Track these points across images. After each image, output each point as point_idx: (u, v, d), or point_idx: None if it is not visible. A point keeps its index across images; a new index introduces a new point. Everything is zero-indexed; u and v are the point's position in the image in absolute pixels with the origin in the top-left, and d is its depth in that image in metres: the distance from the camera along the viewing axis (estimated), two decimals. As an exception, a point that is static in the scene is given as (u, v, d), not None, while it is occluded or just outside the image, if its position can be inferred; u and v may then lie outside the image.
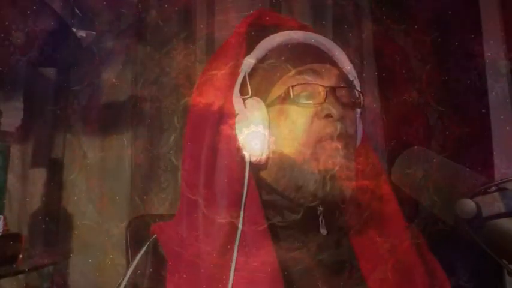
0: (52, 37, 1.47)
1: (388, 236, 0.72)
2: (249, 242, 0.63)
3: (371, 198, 0.72)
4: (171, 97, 1.54)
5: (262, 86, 0.70)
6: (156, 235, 0.72)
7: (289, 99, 0.67)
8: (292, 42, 0.72)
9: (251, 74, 0.70)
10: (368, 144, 0.78)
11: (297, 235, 0.69)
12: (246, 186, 0.64)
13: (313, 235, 0.69)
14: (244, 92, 0.69)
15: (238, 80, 0.69)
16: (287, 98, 0.67)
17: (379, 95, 1.53)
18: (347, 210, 0.72)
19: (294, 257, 0.67)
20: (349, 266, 0.70)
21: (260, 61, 0.70)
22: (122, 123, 1.59)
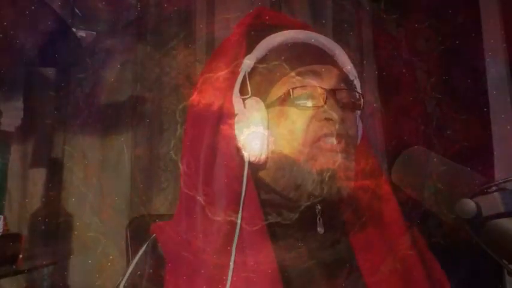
0: (52, 37, 1.47)
1: (387, 235, 0.72)
2: (248, 242, 0.63)
3: (370, 197, 0.72)
4: (171, 97, 1.54)
5: (262, 86, 0.69)
6: (155, 235, 0.72)
7: (289, 101, 0.67)
8: (292, 42, 0.72)
9: (251, 74, 0.69)
10: (368, 144, 0.78)
11: (295, 234, 0.69)
12: (244, 185, 0.65)
13: (311, 234, 0.69)
14: (243, 92, 0.69)
15: (238, 80, 0.69)
16: (287, 99, 0.67)
17: (379, 95, 1.53)
18: (346, 209, 0.72)
19: (292, 256, 0.67)
20: (348, 265, 0.70)
21: (260, 61, 0.70)
22: (121, 123, 1.59)
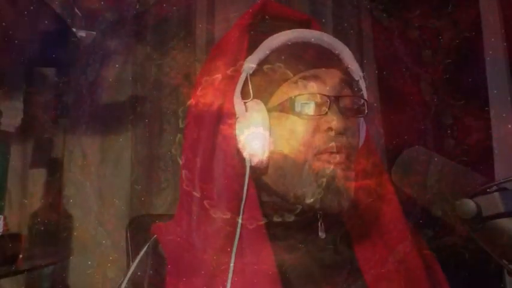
0: (52, 37, 1.47)
1: (388, 236, 0.71)
2: (248, 243, 0.63)
3: (372, 197, 0.71)
4: (171, 97, 1.54)
5: (263, 89, 0.68)
6: (156, 235, 0.72)
7: (291, 109, 0.66)
8: (295, 42, 0.70)
9: (253, 75, 0.68)
10: (370, 143, 0.77)
11: (296, 236, 0.68)
12: (246, 188, 0.64)
13: (312, 237, 0.69)
14: (245, 94, 0.67)
15: (240, 82, 0.67)
16: (289, 106, 0.66)
17: (379, 94, 1.53)
18: (348, 213, 0.71)
19: (292, 259, 0.67)
20: (349, 268, 0.69)
21: (262, 62, 0.69)
22: (121, 123, 1.59)
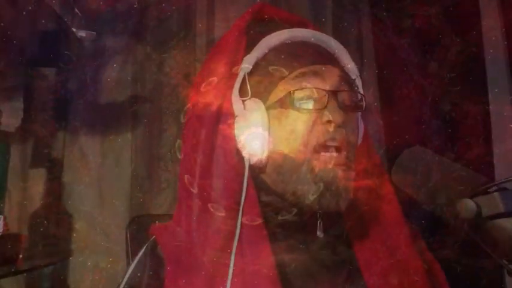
0: (52, 37, 1.47)
1: (389, 238, 0.71)
2: (247, 243, 0.63)
3: (372, 197, 0.71)
4: (171, 97, 1.54)
5: (262, 87, 0.68)
6: (154, 236, 0.72)
7: (290, 104, 0.66)
8: (292, 41, 0.71)
9: (251, 75, 0.68)
10: (369, 143, 0.77)
11: (295, 236, 0.68)
12: (245, 188, 0.64)
13: (311, 237, 0.69)
14: (243, 93, 0.68)
15: (238, 81, 0.68)
16: (288, 102, 0.66)
17: (379, 93, 1.53)
18: (347, 212, 0.71)
19: (292, 258, 0.66)
20: (349, 268, 0.69)
21: (260, 61, 0.69)
22: (121, 124, 1.58)
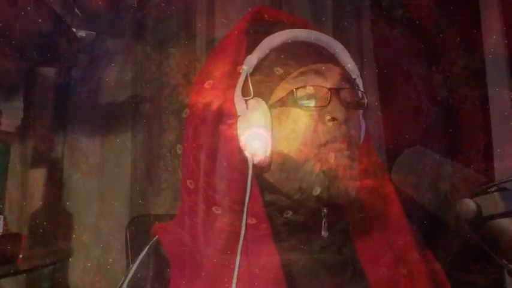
0: (52, 37, 1.47)
1: (390, 237, 0.71)
2: (252, 243, 0.63)
3: (373, 198, 0.71)
4: (171, 97, 1.55)
5: (264, 86, 0.68)
6: (157, 236, 0.72)
7: (292, 102, 0.66)
8: (293, 41, 0.71)
9: (253, 74, 0.68)
10: (370, 143, 0.77)
11: (299, 236, 0.68)
12: (249, 187, 0.64)
13: (315, 236, 0.69)
14: (245, 93, 0.68)
15: (240, 80, 0.68)
16: (290, 100, 0.66)
17: (379, 93, 1.53)
18: (350, 211, 0.71)
19: (296, 258, 0.67)
20: (351, 268, 0.69)
21: (262, 61, 0.69)
22: (121, 123, 1.59)
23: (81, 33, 1.60)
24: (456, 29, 1.49)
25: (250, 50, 0.70)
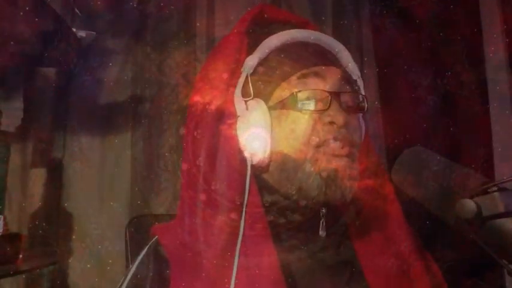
0: (52, 37, 1.47)
1: (389, 237, 0.71)
2: (250, 243, 0.63)
3: (373, 198, 0.71)
4: (171, 97, 1.54)
5: (264, 87, 0.69)
6: (157, 237, 0.72)
7: (292, 105, 0.66)
8: (294, 42, 0.71)
9: (253, 75, 0.69)
10: (370, 143, 0.77)
11: (298, 236, 0.68)
12: (247, 187, 0.64)
13: (314, 237, 0.69)
14: (245, 93, 0.68)
15: (240, 81, 0.68)
16: (290, 103, 0.66)
17: (379, 93, 1.53)
18: (349, 211, 0.71)
19: (295, 258, 0.67)
20: (350, 268, 0.69)
21: (262, 61, 0.69)
22: (121, 123, 1.59)
23: (81, 33, 1.60)
24: (456, 28, 1.49)
25: (251, 50, 0.70)
